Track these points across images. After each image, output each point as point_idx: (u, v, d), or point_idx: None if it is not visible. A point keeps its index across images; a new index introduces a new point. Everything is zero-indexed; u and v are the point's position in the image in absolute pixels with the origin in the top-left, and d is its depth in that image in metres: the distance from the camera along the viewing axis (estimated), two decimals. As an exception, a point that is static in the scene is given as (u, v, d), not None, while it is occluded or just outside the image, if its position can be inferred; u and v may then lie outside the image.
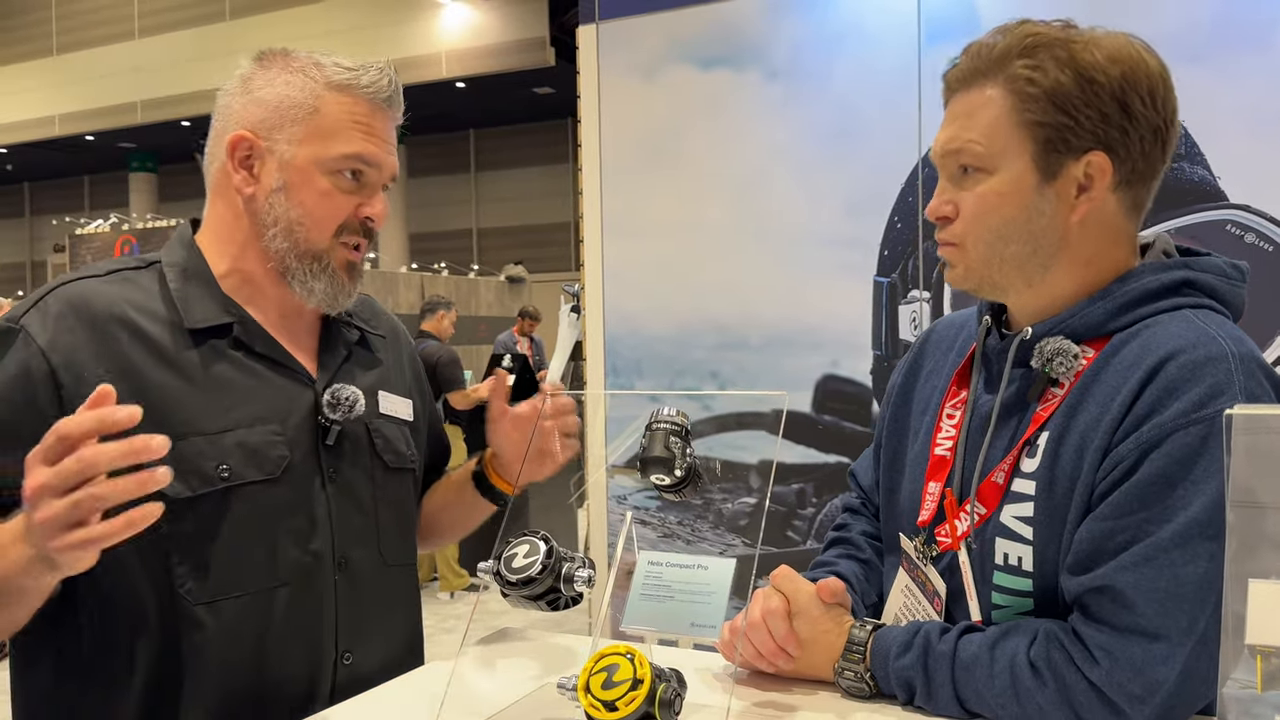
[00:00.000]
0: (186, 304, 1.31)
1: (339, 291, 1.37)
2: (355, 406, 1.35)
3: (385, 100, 1.36)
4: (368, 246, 1.40)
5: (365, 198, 1.36)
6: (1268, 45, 2.49)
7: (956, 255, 1.21)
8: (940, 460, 1.27)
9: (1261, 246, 2.47)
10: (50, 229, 21.12)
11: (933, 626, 1.16)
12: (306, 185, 1.32)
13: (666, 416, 1.12)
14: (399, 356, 1.56)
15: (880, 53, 2.94)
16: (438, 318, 6.58)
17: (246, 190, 1.33)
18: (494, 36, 14.89)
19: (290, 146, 1.32)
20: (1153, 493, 1.05)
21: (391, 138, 1.39)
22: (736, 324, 3.16)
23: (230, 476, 1.26)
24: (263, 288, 1.36)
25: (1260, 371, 1.08)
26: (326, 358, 1.41)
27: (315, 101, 1.32)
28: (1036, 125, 1.14)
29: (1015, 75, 1.14)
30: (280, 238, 1.33)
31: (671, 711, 0.97)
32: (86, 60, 17.67)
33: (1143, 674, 1.02)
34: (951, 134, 1.19)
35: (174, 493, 1.21)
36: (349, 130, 1.33)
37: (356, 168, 1.34)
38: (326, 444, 1.35)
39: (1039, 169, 1.15)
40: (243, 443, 1.27)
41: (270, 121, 1.32)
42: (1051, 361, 1.15)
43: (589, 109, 3.34)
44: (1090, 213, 1.16)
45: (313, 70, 1.33)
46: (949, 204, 1.20)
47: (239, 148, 1.33)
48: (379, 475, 1.42)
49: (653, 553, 1.12)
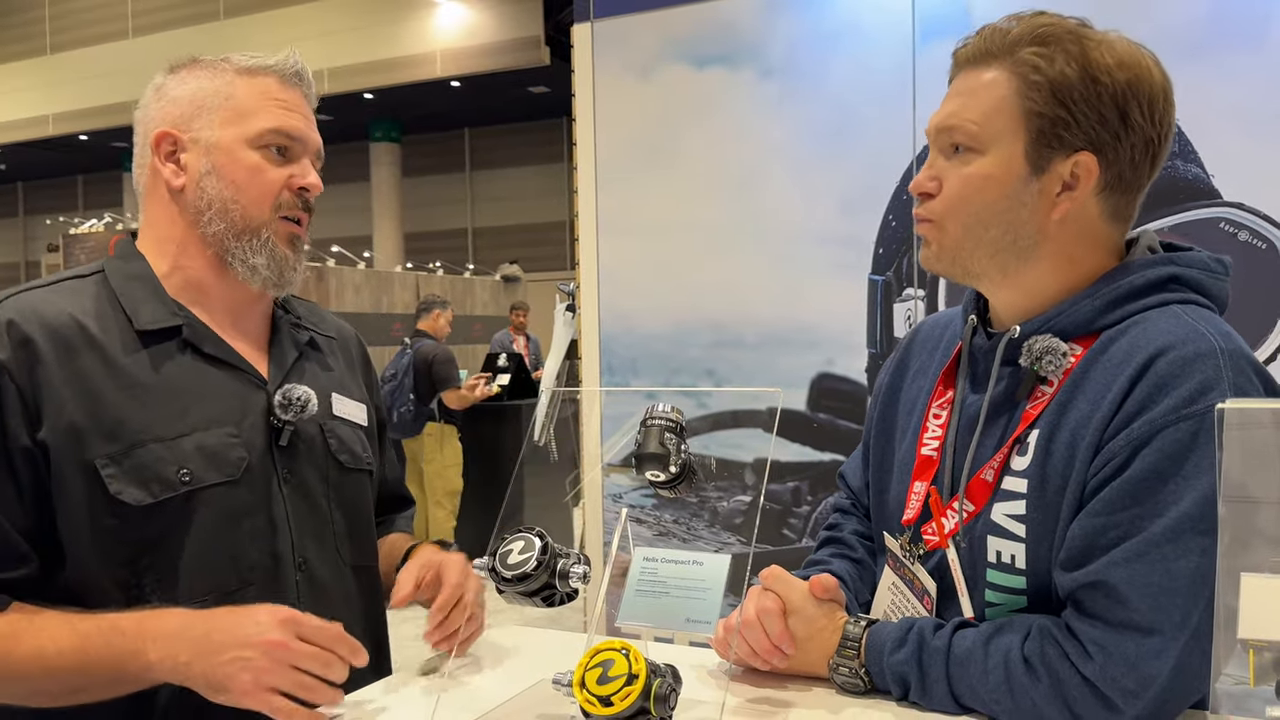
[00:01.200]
0: (134, 307, 1.32)
1: (283, 265, 1.37)
2: (308, 406, 1.35)
3: (294, 75, 1.39)
4: (308, 220, 1.41)
5: (295, 169, 1.38)
6: (1262, 43, 2.49)
7: (933, 233, 1.21)
8: (926, 460, 1.27)
9: (1255, 244, 2.47)
10: (44, 229, 21.07)
11: (926, 622, 1.16)
12: (234, 163, 1.34)
13: (661, 413, 1.12)
14: (350, 361, 1.56)
15: (875, 51, 2.94)
16: (434, 316, 6.58)
17: (176, 182, 1.35)
18: (489, 35, 14.87)
19: (212, 131, 1.34)
20: (1144, 488, 1.05)
21: (309, 114, 1.41)
22: (731, 322, 3.17)
23: (191, 480, 1.26)
24: (206, 286, 1.37)
25: (1249, 367, 1.09)
26: (277, 358, 1.41)
27: (229, 88, 1.36)
28: (1034, 115, 1.14)
29: (1023, 60, 1.14)
30: (216, 220, 1.34)
31: (667, 706, 0.98)
32: (80, 60, 17.63)
33: (1136, 669, 1.02)
34: (950, 110, 1.19)
35: (135, 500, 1.23)
36: (266, 107, 1.36)
37: (280, 142, 1.36)
38: (280, 444, 1.35)
39: (1029, 160, 1.15)
40: (201, 446, 1.28)
41: (188, 114, 1.35)
42: (1041, 360, 1.15)
43: (584, 108, 3.34)
44: (1070, 212, 1.16)
45: (220, 64, 1.38)
46: (934, 179, 1.20)
47: (163, 143, 1.35)
48: (334, 475, 1.42)
49: (648, 549, 1.12)
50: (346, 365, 1.55)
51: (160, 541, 1.24)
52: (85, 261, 11.13)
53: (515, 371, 7.11)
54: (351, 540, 1.43)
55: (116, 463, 1.23)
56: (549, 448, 5.76)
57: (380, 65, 14.89)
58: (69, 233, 14.45)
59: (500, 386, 6.94)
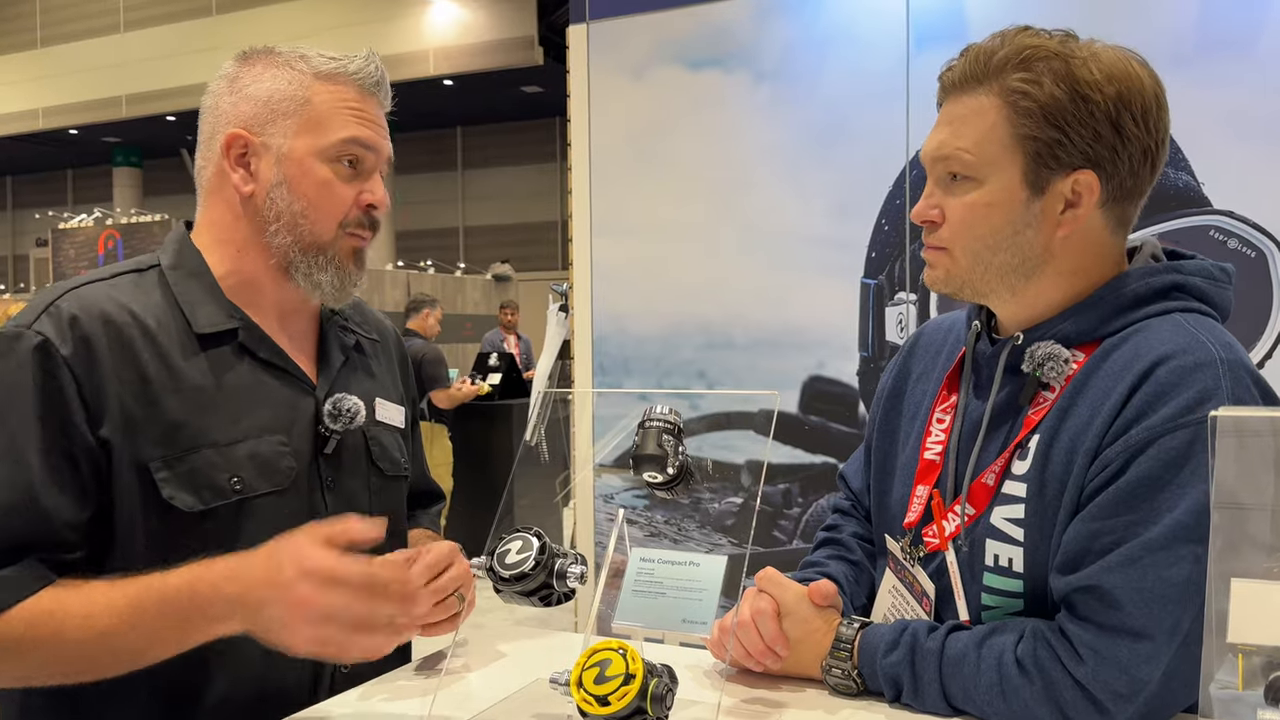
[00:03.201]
0: (193, 308, 1.30)
1: (346, 281, 1.36)
2: (356, 417, 1.34)
3: (373, 85, 1.36)
4: (373, 236, 1.39)
5: (364, 184, 1.35)
6: (1252, 51, 2.51)
7: (943, 260, 1.21)
8: (929, 465, 1.28)
9: (1244, 252, 2.49)
10: (33, 223, 20.94)
11: (920, 625, 1.17)
12: (306, 176, 1.31)
13: (660, 415, 1.13)
14: (390, 361, 1.55)
15: (869, 56, 2.95)
16: (423, 316, 6.59)
17: (246, 189, 1.32)
18: (482, 34, 14.84)
19: (286, 139, 1.31)
20: (1140, 495, 1.06)
21: (383, 122, 1.38)
22: (724, 324, 3.17)
23: (243, 488, 1.25)
24: (263, 289, 1.35)
25: (1248, 377, 1.09)
26: (325, 363, 1.40)
27: (305, 92, 1.31)
28: (1028, 139, 1.14)
29: (1010, 87, 1.14)
30: (284, 233, 1.32)
31: (663, 706, 0.98)
32: (70, 54, 17.53)
33: (1128, 672, 1.03)
34: (942, 139, 1.19)
35: (186, 506, 1.22)
36: (342, 116, 1.32)
37: (354, 154, 1.33)
38: (325, 453, 1.34)
39: (1028, 183, 1.15)
40: (254, 454, 1.27)
41: (262, 117, 1.31)
42: (1043, 366, 1.16)
43: (578, 109, 3.34)
44: (1075, 229, 1.17)
45: (298, 63, 1.33)
46: (935, 208, 1.20)
47: (234, 146, 1.31)
48: (375, 483, 1.41)
49: (645, 549, 1.13)
50: (388, 366, 1.53)
51: (207, 548, 1.22)
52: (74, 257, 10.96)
53: (506, 371, 7.11)
54: (388, 547, 1.42)
55: (170, 466, 1.22)
56: (540, 448, 5.76)
57: (373, 63, 14.81)
58: (58, 227, 14.39)
59: (491, 386, 6.94)
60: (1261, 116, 2.48)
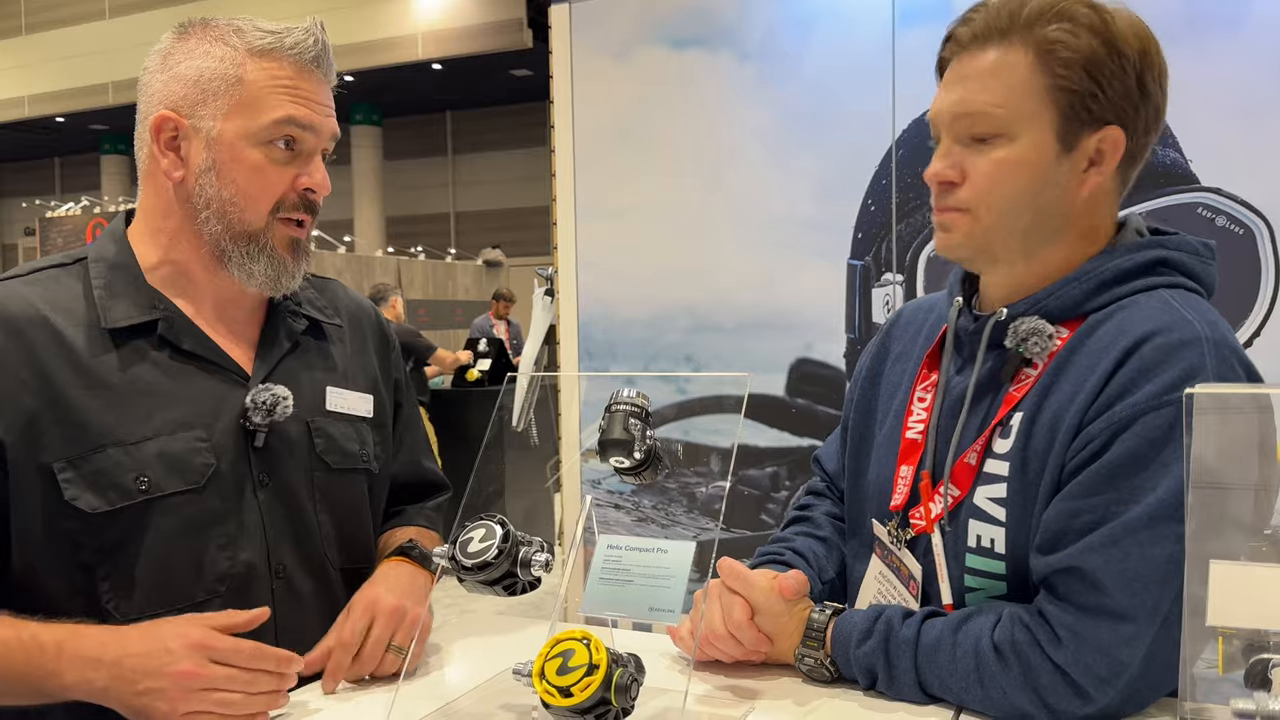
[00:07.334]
0: (107, 303, 1.25)
1: (281, 271, 1.30)
2: (276, 409, 1.28)
3: (312, 60, 1.29)
4: (312, 222, 1.34)
5: (301, 167, 1.29)
6: (1240, 28, 2.48)
7: (963, 221, 1.16)
8: (912, 444, 1.26)
9: (1232, 229, 2.47)
10: (20, 212, 20.85)
11: (894, 612, 1.15)
12: (236, 162, 1.26)
13: (626, 398, 1.10)
14: (363, 345, 1.48)
15: (854, 35, 2.92)
16: (391, 304, 6.71)
17: (176, 174, 1.27)
18: (471, 18, 14.75)
19: (216, 122, 1.25)
20: (1122, 473, 1.04)
21: (325, 99, 1.31)
22: (709, 307, 3.15)
23: (149, 488, 1.21)
24: (196, 278, 1.31)
25: (1233, 356, 1.08)
26: (266, 351, 1.34)
27: (237, 71, 1.25)
28: (1064, 91, 1.11)
29: (1048, 37, 1.10)
30: (213, 220, 1.27)
31: (628, 696, 0.96)
32: (57, 40, 17.40)
33: (1109, 655, 1.01)
34: (964, 95, 1.14)
35: (90, 507, 1.18)
36: (275, 96, 1.26)
37: (288, 134, 1.27)
38: (255, 447, 1.29)
39: (1059, 138, 1.12)
40: (163, 452, 1.22)
41: (192, 97, 1.26)
42: (1026, 341, 1.14)
43: (562, 90, 3.31)
44: (1097, 187, 1.14)
45: (233, 38, 1.27)
46: (954, 168, 1.15)
47: (163, 129, 1.26)
48: (320, 477, 1.35)
49: (612, 536, 1.10)
50: (356, 350, 1.46)
51: (117, 550, 1.20)
52: (62, 245, 10.93)
53: (496, 356, 7.08)
54: (341, 543, 1.37)
55: (74, 467, 1.18)
56: (529, 432, 5.73)
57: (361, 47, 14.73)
58: (45, 216, 14.30)
59: (481, 372, 6.91)
60: (1250, 93, 2.46)
